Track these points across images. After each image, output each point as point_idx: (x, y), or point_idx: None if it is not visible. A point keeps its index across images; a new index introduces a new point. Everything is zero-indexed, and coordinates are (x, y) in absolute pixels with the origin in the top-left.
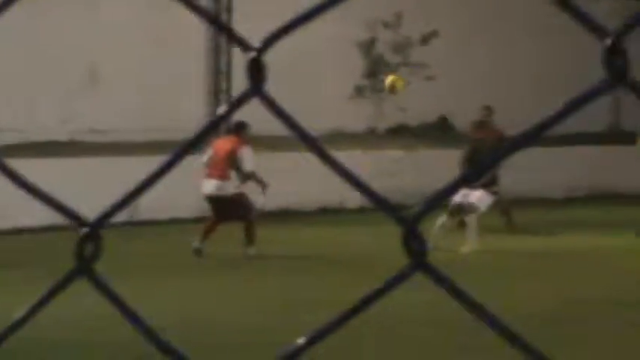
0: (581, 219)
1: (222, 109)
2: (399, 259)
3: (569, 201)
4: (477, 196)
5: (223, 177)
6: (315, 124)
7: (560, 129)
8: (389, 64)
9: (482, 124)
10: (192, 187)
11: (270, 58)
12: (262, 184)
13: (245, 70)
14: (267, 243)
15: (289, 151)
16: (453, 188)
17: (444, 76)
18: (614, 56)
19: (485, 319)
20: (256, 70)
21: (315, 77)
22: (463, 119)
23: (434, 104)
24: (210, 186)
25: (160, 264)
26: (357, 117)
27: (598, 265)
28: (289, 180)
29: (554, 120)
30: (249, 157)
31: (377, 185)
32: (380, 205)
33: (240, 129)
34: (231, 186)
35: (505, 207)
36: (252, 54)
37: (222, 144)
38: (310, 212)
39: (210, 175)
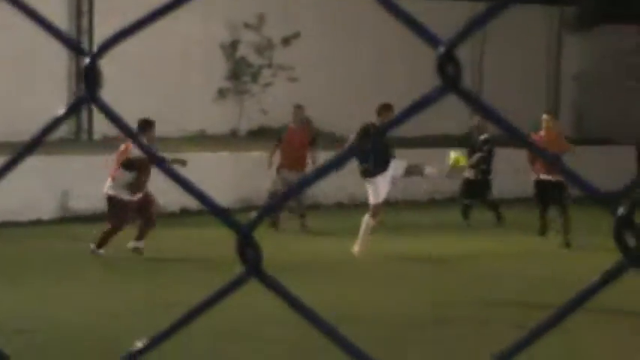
0: (445, 222)
1: (60, 112)
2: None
3: (432, 203)
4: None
5: (112, 177)
6: (180, 125)
7: (424, 131)
8: (252, 65)
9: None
10: (53, 189)
11: (134, 61)
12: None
13: (82, 75)
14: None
15: None
16: (286, 197)
17: (307, 77)
18: (447, 64)
19: (319, 325)
20: (91, 76)
21: (180, 79)
22: (325, 120)
23: None
24: (105, 185)
25: (17, 267)
26: (220, 119)
27: (463, 268)
28: (149, 181)
29: (390, 125)
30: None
31: (240, 186)
32: (215, 211)
33: (141, 127)
34: (116, 186)
35: (302, 211)
36: (87, 60)
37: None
38: (172, 214)
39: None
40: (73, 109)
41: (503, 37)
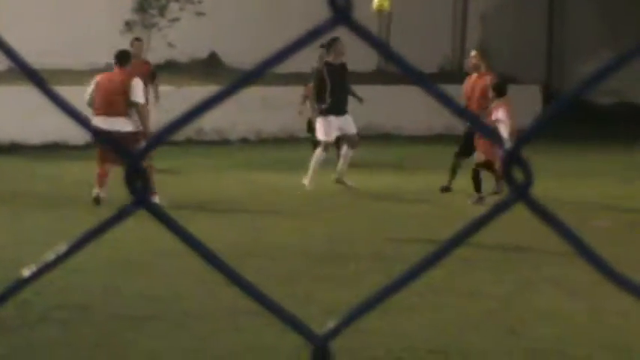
0: (352, 158)
1: None
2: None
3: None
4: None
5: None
6: (87, 58)
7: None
8: None
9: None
10: None
11: None
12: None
13: None
14: (31, 178)
15: (55, 85)
16: (174, 128)
17: (214, 12)
18: None
19: (206, 257)
20: None
21: (86, 11)
22: (233, 56)
23: (204, 40)
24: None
25: None
26: None
27: (363, 205)
28: (55, 113)
29: (277, 58)
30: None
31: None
32: (105, 143)
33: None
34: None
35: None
36: None
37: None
38: (75, 146)
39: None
40: None
41: None
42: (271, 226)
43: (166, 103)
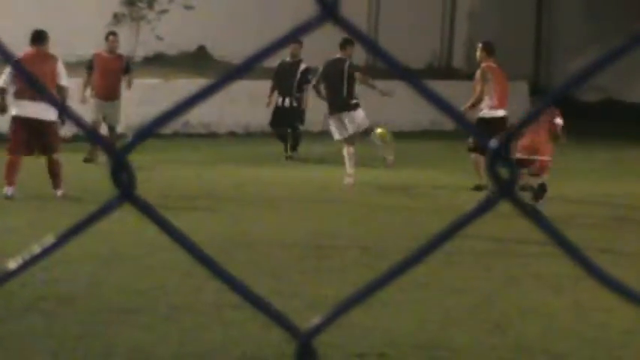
0: (335, 153)
1: None
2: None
3: (323, 134)
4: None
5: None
6: (74, 50)
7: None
8: None
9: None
10: None
11: None
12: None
13: None
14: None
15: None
16: (162, 121)
17: (203, 5)
18: None
19: (190, 250)
20: None
21: (75, 3)
22: (221, 49)
23: (192, 34)
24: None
25: None
26: None
27: (351, 200)
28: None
29: (266, 52)
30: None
31: (135, 113)
32: (91, 135)
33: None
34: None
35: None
36: None
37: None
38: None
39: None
40: None
41: None
42: (257, 220)
43: (154, 95)
